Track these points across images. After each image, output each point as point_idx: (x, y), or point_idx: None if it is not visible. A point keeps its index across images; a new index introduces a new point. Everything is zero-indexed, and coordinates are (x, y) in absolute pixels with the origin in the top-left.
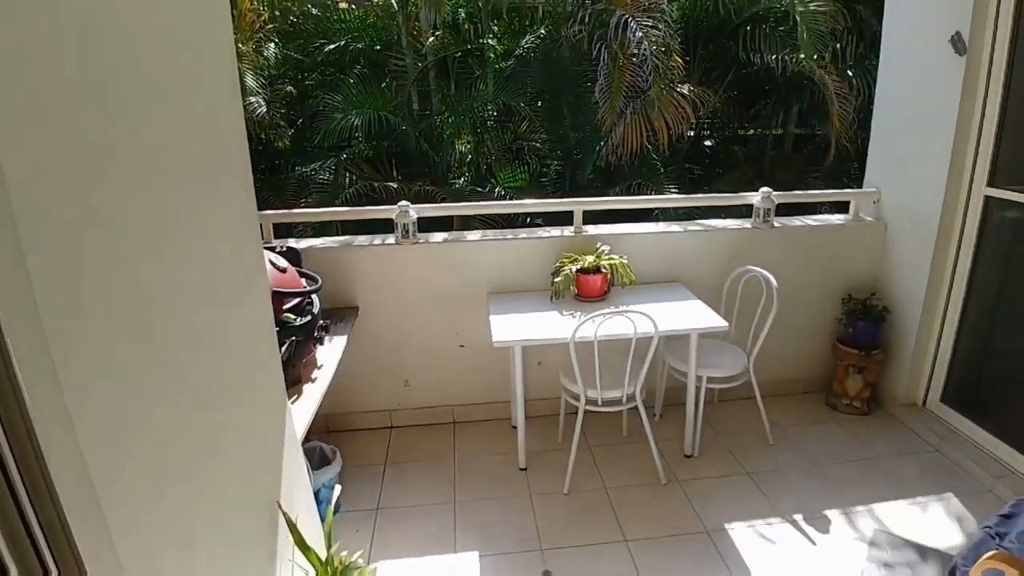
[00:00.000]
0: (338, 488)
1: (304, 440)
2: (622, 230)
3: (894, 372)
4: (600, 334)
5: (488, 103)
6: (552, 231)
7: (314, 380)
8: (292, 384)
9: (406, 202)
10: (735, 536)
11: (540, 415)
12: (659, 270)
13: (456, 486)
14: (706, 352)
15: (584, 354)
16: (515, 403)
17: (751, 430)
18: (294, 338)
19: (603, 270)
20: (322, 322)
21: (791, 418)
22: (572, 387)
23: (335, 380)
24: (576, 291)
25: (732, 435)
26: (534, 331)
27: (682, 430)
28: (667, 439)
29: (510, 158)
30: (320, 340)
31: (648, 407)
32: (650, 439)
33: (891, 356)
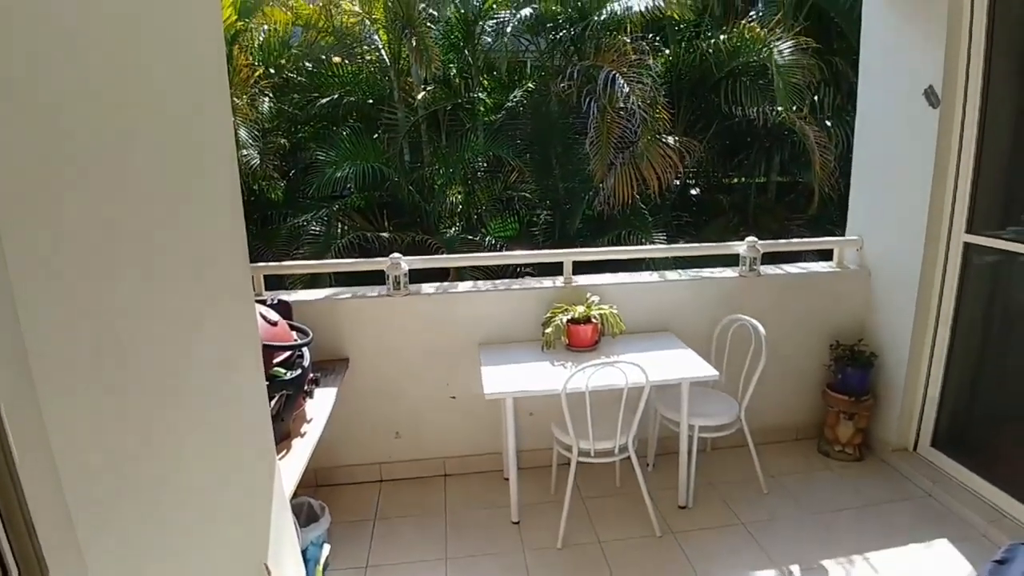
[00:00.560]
0: (327, 548)
1: (292, 496)
2: (611, 280)
3: (884, 418)
4: (591, 385)
5: (478, 155)
6: (543, 281)
7: (303, 435)
8: (281, 439)
9: (398, 254)
10: None
11: (532, 466)
12: (649, 319)
13: (448, 542)
14: (697, 401)
15: (576, 404)
16: (507, 455)
17: (745, 479)
18: (284, 392)
19: (593, 320)
20: (312, 375)
21: (784, 466)
22: (564, 438)
23: (324, 433)
24: (567, 341)
25: (726, 484)
26: (526, 382)
27: (676, 480)
28: (661, 489)
29: (500, 208)
30: (310, 393)
31: (641, 457)
32: (643, 490)
33: (881, 402)
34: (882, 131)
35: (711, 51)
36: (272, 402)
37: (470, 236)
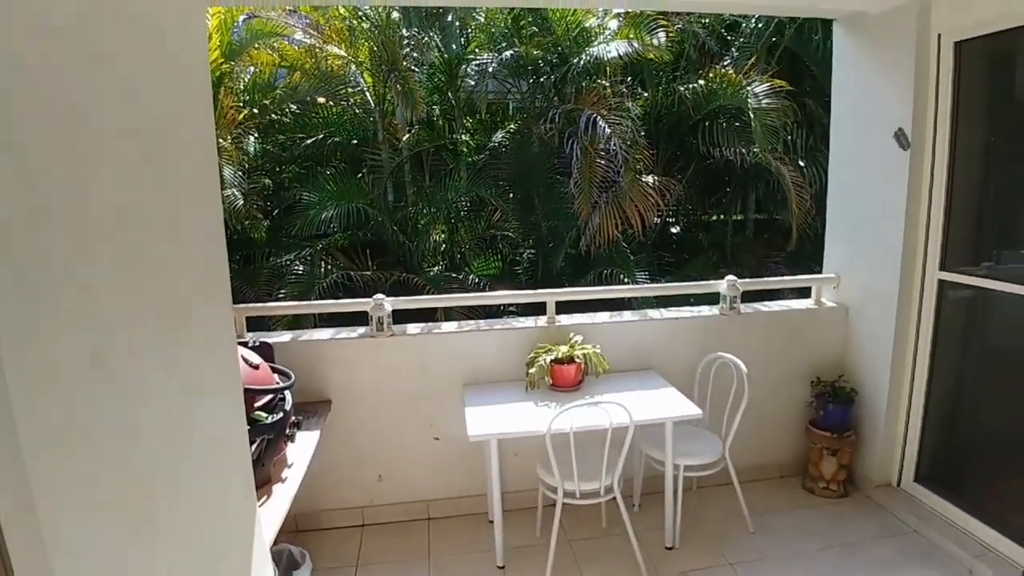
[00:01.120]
0: None
1: (272, 543)
2: (594, 319)
3: (867, 453)
4: (576, 426)
5: (462, 194)
6: (526, 321)
7: (284, 480)
8: (261, 485)
9: (381, 295)
10: None
11: (517, 508)
12: (632, 358)
13: None
14: (682, 440)
15: (561, 445)
16: (491, 497)
17: (731, 517)
18: (265, 436)
19: (577, 360)
20: (294, 418)
21: (770, 503)
22: (549, 480)
23: (305, 477)
24: (551, 381)
25: (712, 523)
26: (510, 424)
27: (662, 520)
28: (647, 529)
29: (484, 247)
30: (292, 437)
31: (627, 497)
32: (630, 531)
33: (863, 437)
34: (855, 172)
35: (688, 95)
36: (253, 447)
37: (454, 275)
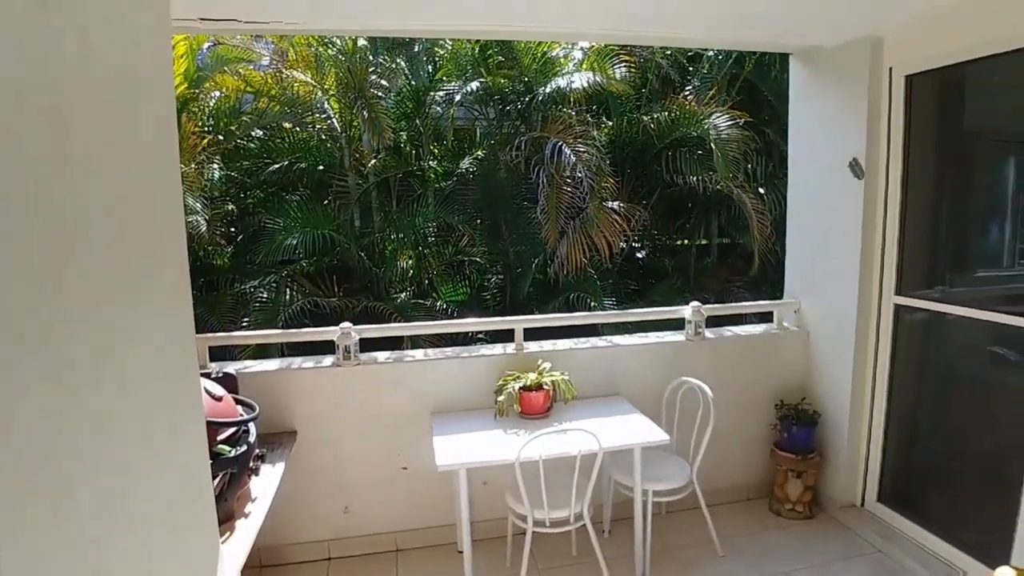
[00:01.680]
0: None
1: None
2: (562, 346)
3: (831, 475)
4: (545, 454)
5: (429, 221)
6: (494, 348)
7: (248, 515)
8: (224, 520)
9: (348, 324)
10: None
11: (487, 537)
12: (600, 384)
13: None
14: (650, 465)
15: (530, 473)
16: (461, 527)
17: (700, 541)
18: (228, 470)
19: (545, 387)
20: (258, 451)
21: (738, 526)
22: (519, 508)
23: (270, 511)
24: (520, 409)
25: (682, 548)
26: (479, 452)
27: (632, 546)
28: (618, 557)
29: (452, 273)
30: (255, 471)
31: (596, 523)
32: (600, 559)
33: (827, 459)
34: (813, 200)
35: (652, 124)
36: (215, 482)
37: (421, 301)
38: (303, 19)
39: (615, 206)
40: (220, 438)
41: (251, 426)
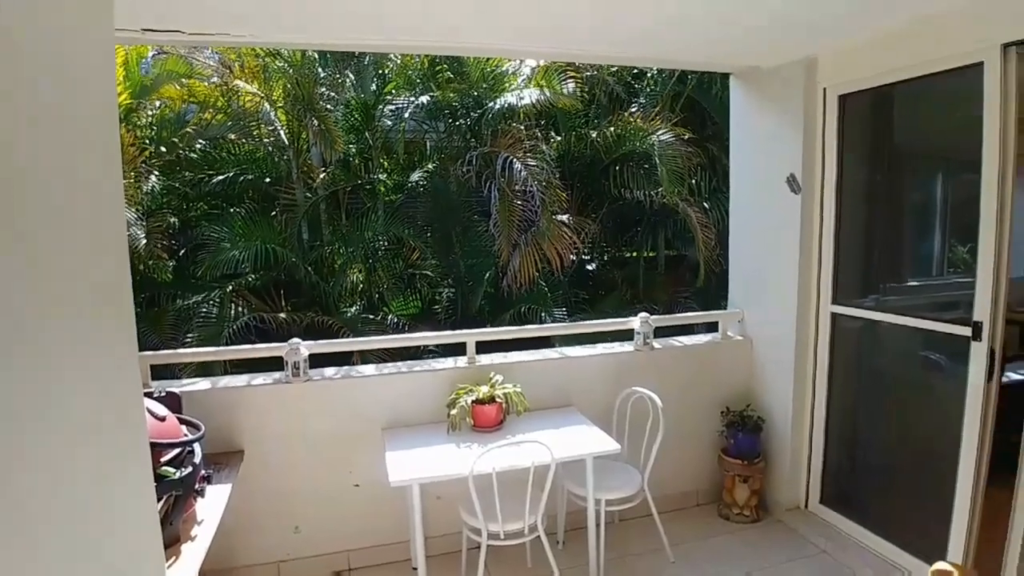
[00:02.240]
0: None
1: None
2: (514, 358)
3: (776, 478)
4: (498, 467)
5: (379, 234)
6: (446, 362)
7: (194, 538)
8: (169, 544)
9: (297, 339)
10: None
11: (441, 553)
12: (552, 395)
13: None
14: (602, 474)
15: (484, 486)
16: (414, 543)
17: (652, 549)
18: (173, 493)
19: (498, 400)
20: (204, 472)
21: (688, 532)
22: (473, 522)
23: (218, 534)
24: (472, 422)
25: (635, 556)
26: (432, 467)
27: (586, 556)
28: (572, 566)
29: (402, 286)
30: (201, 492)
31: (551, 534)
32: (555, 570)
33: (772, 463)
34: (754, 213)
35: (599, 139)
36: (160, 505)
37: (371, 315)
38: (250, 32)
39: (566, 219)
40: (164, 460)
41: (196, 447)
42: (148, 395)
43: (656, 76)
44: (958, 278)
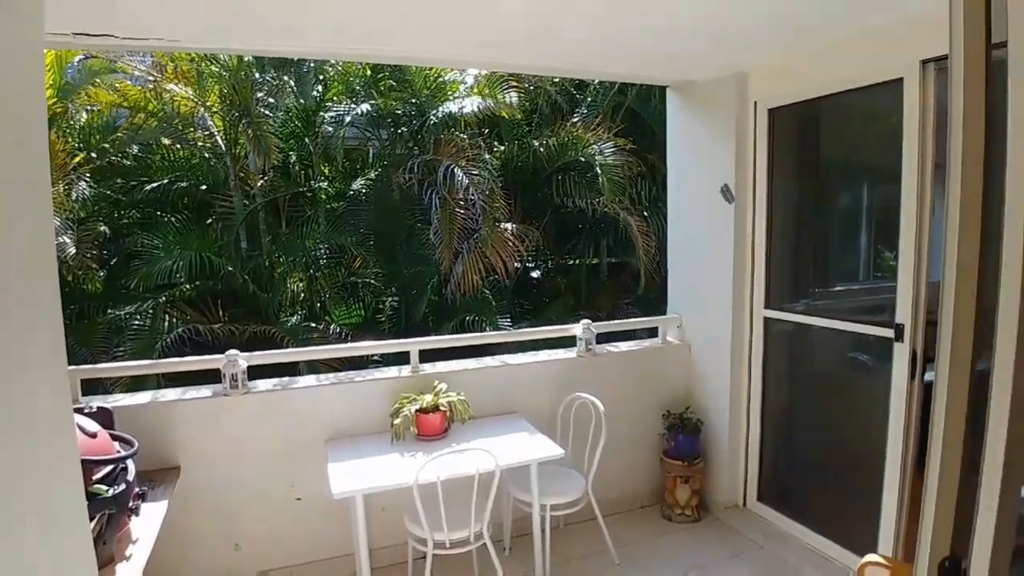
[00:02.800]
0: None
1: None
2: (458, 366)
3: (715, 478)
4: (443, 475)
5: (321, 242)
6: (389, 371)
7: (129, 558)
8: (104, 564)
9: (235, 351)
10: None
11: (387, 564)
12: (496, 403)
13: None
14: (547, 480)
15: (429, 495)
16: (359, 556)
17: (597, 552)
18: (106, 511)
19: (442, 408)
20: (138, 489)
21: (633, 534)
22: (418, 531)
23: (154, 552)
24: (417, 431)
25: (580, 560)
26: (376, 478)
27: (533, 562)
28: (519, 573)
29: (345, 295)
30: (136, 511)
31: (497, 541)
32: None
33: (711, 464)
34: (690, 222)
35: (542, 148)
36: (93, 524)
37: (313, 324)
38: (183, 37)
39: (509, 227)
40: (96, 477)
41: (130, 463)
42: (79, 411)
43: (597, 87)
44: (883, 283)
